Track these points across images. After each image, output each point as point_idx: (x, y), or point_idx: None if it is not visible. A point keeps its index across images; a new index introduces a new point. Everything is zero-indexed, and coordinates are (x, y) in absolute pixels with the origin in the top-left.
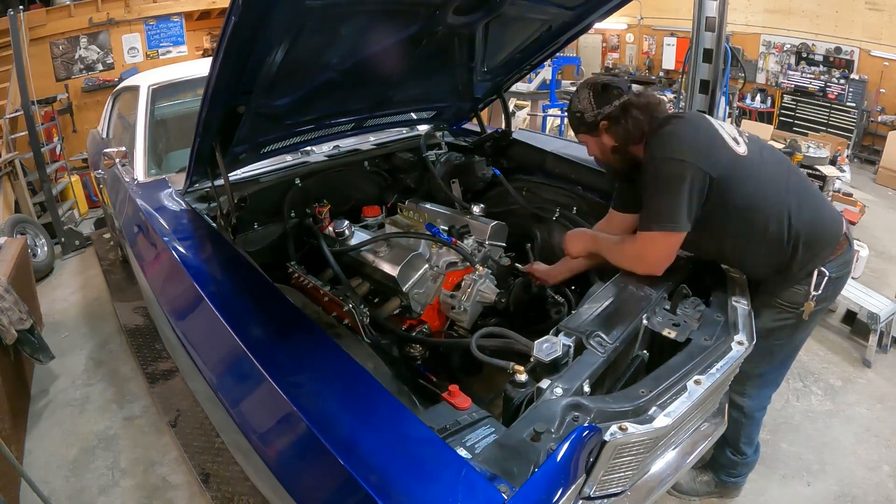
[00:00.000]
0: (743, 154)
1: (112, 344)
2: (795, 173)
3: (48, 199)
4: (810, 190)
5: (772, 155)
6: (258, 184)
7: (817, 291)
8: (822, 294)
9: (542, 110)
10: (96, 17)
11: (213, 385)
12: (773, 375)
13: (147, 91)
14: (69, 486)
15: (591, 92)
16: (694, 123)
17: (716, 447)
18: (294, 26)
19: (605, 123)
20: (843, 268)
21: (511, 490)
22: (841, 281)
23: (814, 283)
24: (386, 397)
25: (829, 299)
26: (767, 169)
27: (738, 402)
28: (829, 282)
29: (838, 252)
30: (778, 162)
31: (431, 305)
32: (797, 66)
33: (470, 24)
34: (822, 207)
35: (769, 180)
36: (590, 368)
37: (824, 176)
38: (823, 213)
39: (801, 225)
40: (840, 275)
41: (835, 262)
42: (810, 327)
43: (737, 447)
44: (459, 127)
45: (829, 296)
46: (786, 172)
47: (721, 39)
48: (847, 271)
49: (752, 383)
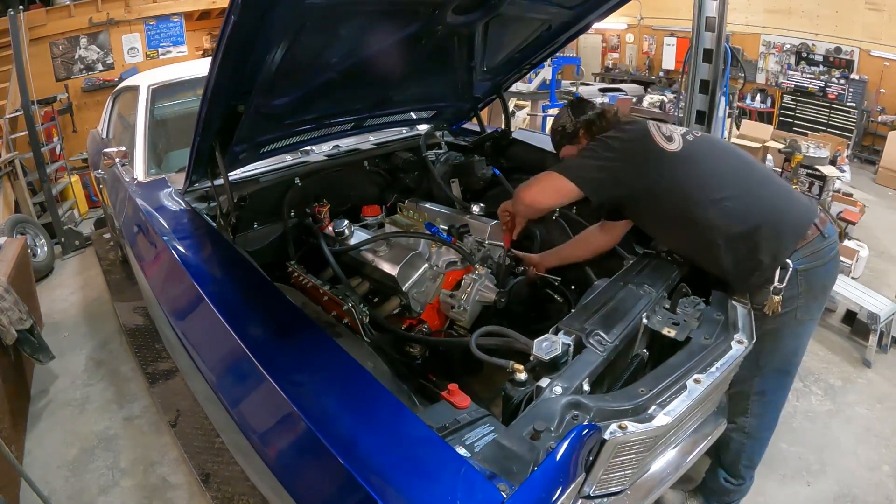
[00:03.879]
0: (673, 150)
1: (112, 344)
2: (752, 167)
3: (48, 199)
4: (772, 184)
5: (722, 152)
6: (258, 183)
7: (781, 284)
8: (789, 288)
9: (541, 110)
10: (96, 17)
11: (213, 385)
12: (774, 391)
13: (147, 91)
14: (69, 486)
15: (569, 107)
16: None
17: (708, 473)
18: (294, 26)
19: (583, 130)
20: (812, 259)
21: (510, 489)
22: (813, 274)
23: (777, 275)
24: (385, 396)
25: (802, 296)
26: (710, 164)
27: (741, 422)
28: (795, 274)
29: (804, 243)
30: (729, 158)
31: (431, 305)
32: (797, 66)
33: (469, 23)
34: (786, 201)
35: (712, 174)
36: (589, 367)
37: (824, 176)
38: (786, 203)
39: (754, 216)
40: (809, 267)
41: (800, 253)
42: (794, 332)
43: (735, 471)
44: (459, 127)
45: (803, 292)
46: (738, 167)
47: (721, 39)
48: (820, 264)
49: (755, 401)
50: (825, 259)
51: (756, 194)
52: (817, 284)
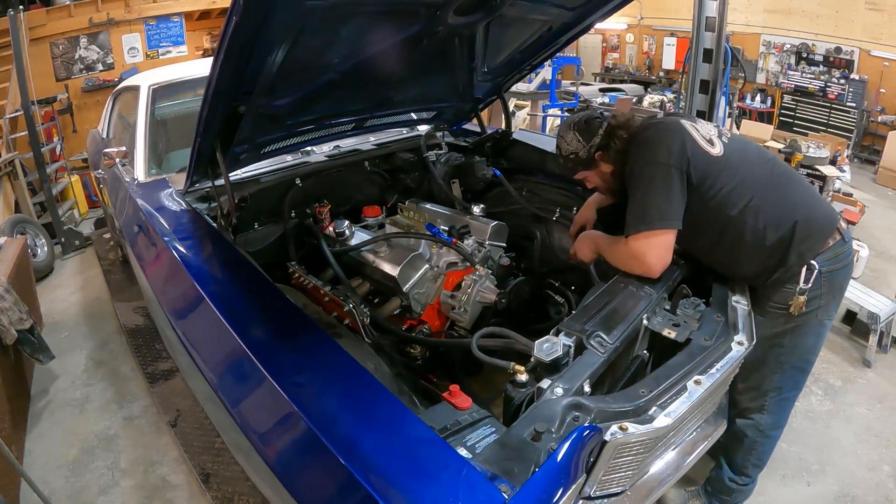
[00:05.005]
0: (717, 154)
1: (112, 344)
2: (781, 168)
3: (48, 199)
4: (798, 185)
5: (755, 153)
6: (258, 184)
7: (807, 285)
8: (813, 289)
9: (542, 110)
10: (96, 17)
11: (214, 385)
12: (790, 388)
13: (147, 91)
14: (69, 486)
15: (576, 131)
16: (668, 127)
17: (713, 472)
18: (295, 26)
19: (599, 154)
20: (834, 262)
21: (511, 490)
22: (835, 276)
23: (802, 276)
24: (386, 397)
25: (823, 297)
26: (747, 167)
27: (757, 419)
28: (819, 276)
29: (828, 246)
30: (760, 159)
31: (432, 305)
32: (797, 66)
33: (470, 24)
34: (813, 202)
35: (748, 178)
36: (590, 368)
37: (824, 176)
38: (813, 208)
39: (787, 220)
40: (832, 269)
41: (824, 256)
42: (815, 332)
43: (743, 469)
44: (459, 127)
45: (824, 293)
46: (769, 169)
47: (721, 39)
48: (840, 266)
49: (771, 398)
50: (845, 262)
51: (784, 194)
52: (837, 286)
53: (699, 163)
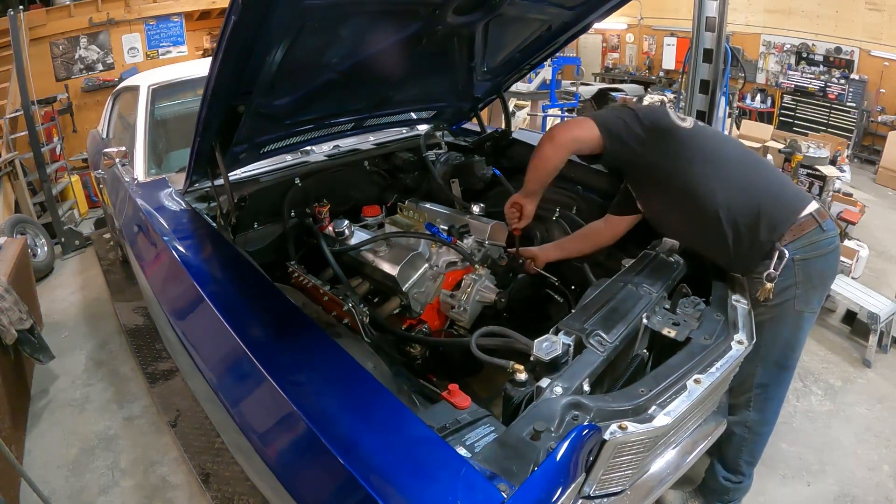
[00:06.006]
0: (687, 126)
1: (112, 344)
2: (752, 155)
3: (48, 199)
4: (767, 170)
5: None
6: (258, 183)
7: (776, 272)
8: (785, 278)
9: (542, 110)
10: (96, 17)
11: (214, 385)
12: (775, 386)
13: (147, 91)
14: (69, 486)
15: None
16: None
17: (708, 472)
18: (294, 26)
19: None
20: (809, 249)
21: (511, 489)
22: (811, 265)
23: (773, 263)
24: (386, 397)
25: (799, 286)
26: (715, 145)
27: (743, 415)
28: (792, 264)
29: (801, 232)
30: (731, 143)
31: (431, 305)
32: (797, 66)
33: (470, 23)
34: (780, 187)
35: (714, 153)
36: (590, 367)
37: (824, 176)
38: (781, 183)
39: (756, 192)
40: (806, 257)
41: (797, 243)
42: (793, 323)
43: (735, 467)
44: (459, 127)
45: (800, 281)
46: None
47: (721, 39)
48: (817, 255)
49: (756, 395)
50: (824, 250)
51: (755, 173)
52: (816, 275)
53: (663, 121)
